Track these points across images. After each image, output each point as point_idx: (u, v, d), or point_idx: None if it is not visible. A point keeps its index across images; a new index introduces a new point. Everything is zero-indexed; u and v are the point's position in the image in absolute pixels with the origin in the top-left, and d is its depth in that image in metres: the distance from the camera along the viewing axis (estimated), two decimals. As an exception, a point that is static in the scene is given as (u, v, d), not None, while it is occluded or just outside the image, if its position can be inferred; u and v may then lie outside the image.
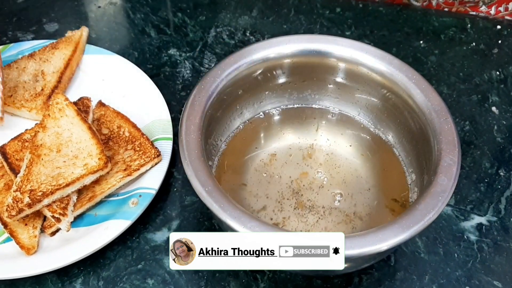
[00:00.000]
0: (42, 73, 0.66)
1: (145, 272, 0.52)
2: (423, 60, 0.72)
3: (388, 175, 0.55)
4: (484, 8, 0.78)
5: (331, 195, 0.54)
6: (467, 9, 0.78)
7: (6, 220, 0.52)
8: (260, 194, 0.54)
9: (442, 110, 0.49)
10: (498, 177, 0.60)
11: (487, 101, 0.67)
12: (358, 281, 0.51)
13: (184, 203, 0.57)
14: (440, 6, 0.78)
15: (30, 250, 0.50)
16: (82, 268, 0.52)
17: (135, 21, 0.77)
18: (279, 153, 0.58)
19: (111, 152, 0.58)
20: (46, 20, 0.76)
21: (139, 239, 0.54)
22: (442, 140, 0.47)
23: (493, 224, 0.56)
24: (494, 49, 0.74)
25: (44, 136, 0.56)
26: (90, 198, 0.54)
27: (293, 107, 0.60)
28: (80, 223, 0.53)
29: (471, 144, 0.63)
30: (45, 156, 0.54)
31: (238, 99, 0.57)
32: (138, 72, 0.66)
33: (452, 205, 0.57)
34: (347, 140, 0.58)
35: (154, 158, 0.56)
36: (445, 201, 0.43)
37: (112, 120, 0.61)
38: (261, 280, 0.51)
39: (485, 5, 0.74)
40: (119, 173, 0.56)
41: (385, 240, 0.41)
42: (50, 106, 0.59)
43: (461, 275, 0.52)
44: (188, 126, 0.48)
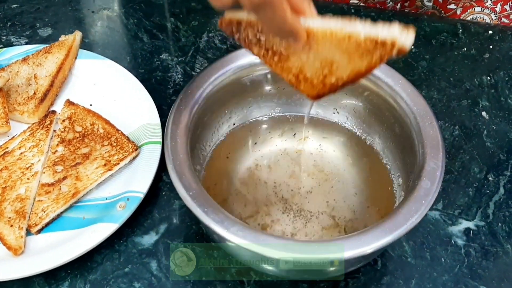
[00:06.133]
0: (35, 77, 0.66)
1: (132, 275, 0.52)
2: (414, 65, 0.72)
3: (375, 180, 0.56)
4: (489, 4, 0.78)
5: (319, 199, 0.54)
6: (473, 4, 0.78)
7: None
8: (248, 199, 0.54)
9: (427, 115, 0.49)
10: (487, 182, 0.60)
11: (477, 106, 0.68)
12: (344, 285, 0.52)
13: (173, 207, 0.57)
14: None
15: (17, 251, 0.51)
16: (69, 271, 0.52)
17: (128, 26, 0.77)
18: (267, 158, 0.58)
19: (89, 149, 0.59)
20: (40, 25, 0.77)
21: (126, 242, 0.54)
22: (426, 144, 0.48)
23: (481, 228, 0.56)
24: (485, 54, 0.74)
25: None
26: (74, 194, 0.55)
27: (282, 112, 0.60)
28: (68, 226, 0.54)
29: (460, 149, 0.63)
30: None
31: (226, 104, 0.57)
32: (129, 76, 0.66)
33: (440, 210, 0.57)
34: (334, 145, 0.58)
35: (132, 152, 0.57)
36: (428, 205, 0.44)
37: (84, 118, 0.62)
38: (247, 284, 0.51)
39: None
40: (99, 169, 0.57)
41: (368, 244, 0.41)
42: None
43: (447, 279, 0.52)
44: (174, 130, 0.48)
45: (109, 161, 0.57)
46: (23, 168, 0.57)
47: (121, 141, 0.59)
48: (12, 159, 0.58)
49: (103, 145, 0.59)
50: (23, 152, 0.58)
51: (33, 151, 0.58)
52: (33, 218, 0.53)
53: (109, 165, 0.57)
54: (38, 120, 0.62)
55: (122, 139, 0.59)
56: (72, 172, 0.56)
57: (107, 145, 0.59)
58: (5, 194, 0.55)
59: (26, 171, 0.57)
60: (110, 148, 0.58)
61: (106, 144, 0.59)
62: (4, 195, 0.55)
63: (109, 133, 0.60)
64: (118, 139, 0.59)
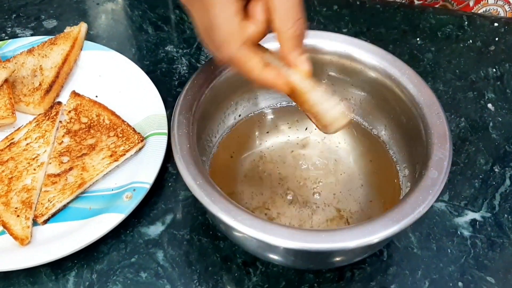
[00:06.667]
0: (40, 68, 0.66)
1: (138, 265, 0.52)
2: (419, 57, 0.72)
3: (381, 172, 0.55)
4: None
5: (324, 192, 0.54)
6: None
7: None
8: (254, 191, 0.54)
9: (434, 105, 0.49)
10: (493, 173, 0.60)
11: (483, 98, 0.67)
12: (350, 275, 0.52)
13: (178, 197, 0.57)
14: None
15: (24, 241, 0.51)
16: (76, 261, 0.52)
17: (132, 18, 0.77)
18: (273, 149, 0.58)
19: (95, 140, 0.59)
20: (44, 16, 0.76)
21: (132, 233, 0.54)
22: (433, 135, 0.47)
23: (487, 220, 0.56)
24: (491, 46, 0.74)
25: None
26: (80, 185, 0.55)
27: (288, 103, 0.60)
28: (74, 217, 0.54)
29: (466, 141, 0.63)
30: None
31: (232, 95, 0.57)
32: (135, 68, 0.66)
33: (446, 201, 0.57)
34: (340, 137, 0.58)
35: (138, 143, 0.58)
36: (435, 194, 0.43)
37: (90, 109, 0.62)
38: (253, 274, 0.51)
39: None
40: (106, 159, 0.57)
41: (375, 233, 0.41)
42: None
43: (454, 270, 0.52)
44: (180, 121, 0.48)
45: (115, 152, 0.57)
46: (29, 158, 0.57)
47: (127, 132, 0.59)
48: (18, 150, 0.58)
49: (109, 136, 0.59)
50: (29, 143, 0.58)
51: (39, 142, 0.58)
52: (40, 208, 0.54)
53: (115, 156, 0.57)
54: (43, 111, 0.62)
55: (128, 130, 0.59)
56: (78, 163, 0.57)
57: (113, 136, 0.59)
58: (11, 184, 0.55)
59: (32, 162, 0.57)
60: (116, 139, 0.58)
61: (112, 135, 0.59)
62: (10, 186, 0.55)
63: (115, 124, 0.60)
64: (124, 130, 0.59)
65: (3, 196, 0.54)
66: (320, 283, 0.51)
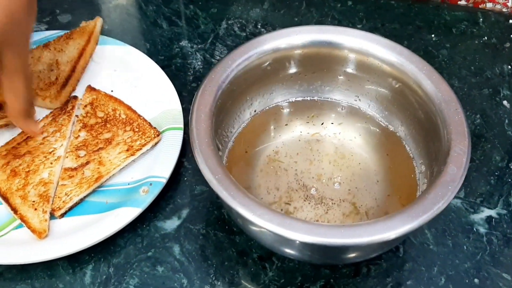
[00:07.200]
0: (56, 63, 0.66)
1: (154, 259, 0.52)
2: (434, 54, 0.72)
3: (397, 167, 0.55)
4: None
5: (340, 187, 0.54)
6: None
7: (15, 206, 0.53)
8: (270, 186, 0.54)
9: (452, 101, 0.49)
10: (509, 170, 0.60)
11: (498, 94, 0.67)
12: (366, 271, 0.52)
13: (194, 192, 0.57)
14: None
15: (41, 234, 0.51)
16: (93, 254, 0.52)
17: (147, 13, 0.77)
18: (288, 144, 0.58)
19: (111, 134, 0.59)
20: (59, 11, 0.77)
21: (149, 227, 0.54)
22: (452, 130, 0.47)
23: (502, 217, 0.56)
24: (506, 43, 0.73)
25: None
26: (97, 179, 0.55)
27: (303, 98, 0.60)
28: (91, 210, 0.54)
29: (481, 137, 0.63)
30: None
31: (248, 90, 0.57)
32: (150, 62, 0.66)
33: (462, 198, 0.57)
34: (356, 132, 0.58)
35: (154, 137, 0.58)
36: (454, 190, 0.43)
37: (106, 104, 0.62)
38: (269, 269, 0.52)
39: None
40: (122, 154, 0.57)
41: (394, 229, 0.41)
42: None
43: (469, 267, 0.52)
44: (199, 115, 0.48)
45: (131, 146, 0.57)
46: (46, 152, 0.57)
47: (143, 127, 0.59)
48: (35, 144, 0.58)
49: (125, 131, 0.59)
50: (46, 137, 0.59)
51: (56, 136, 0.59)
52: (57, 202, 0.54)
53: (131, 151, 0.57)
54: (60, 105, 0.63)
55: (144, 125, 0.59)
56: (95, 157, 0.57)
57: (129, 130, 0.59)
58: (28, 178, 0.55)
59: (49, 156, 0.57)
60: (132, 134, 0.59)
61: (128, 129, 0.59)
62: (27, 179, 0.55)
63: (131, 119, 0.60)
64: (140, 124, 0.59)
65: (20, 190, 0.54)
66: (336, 279, 0.51)
